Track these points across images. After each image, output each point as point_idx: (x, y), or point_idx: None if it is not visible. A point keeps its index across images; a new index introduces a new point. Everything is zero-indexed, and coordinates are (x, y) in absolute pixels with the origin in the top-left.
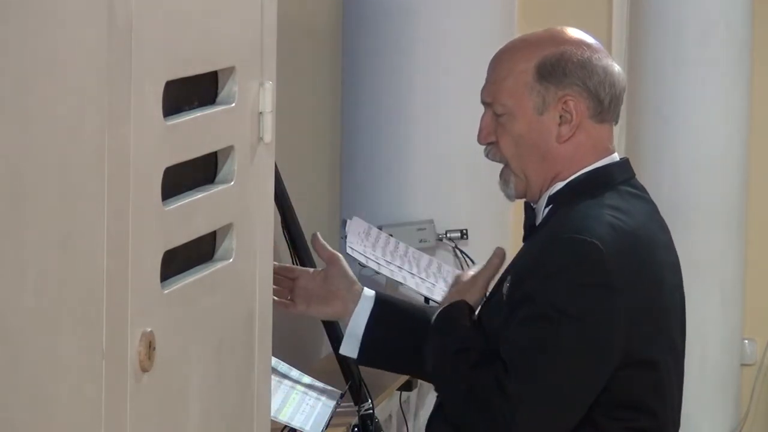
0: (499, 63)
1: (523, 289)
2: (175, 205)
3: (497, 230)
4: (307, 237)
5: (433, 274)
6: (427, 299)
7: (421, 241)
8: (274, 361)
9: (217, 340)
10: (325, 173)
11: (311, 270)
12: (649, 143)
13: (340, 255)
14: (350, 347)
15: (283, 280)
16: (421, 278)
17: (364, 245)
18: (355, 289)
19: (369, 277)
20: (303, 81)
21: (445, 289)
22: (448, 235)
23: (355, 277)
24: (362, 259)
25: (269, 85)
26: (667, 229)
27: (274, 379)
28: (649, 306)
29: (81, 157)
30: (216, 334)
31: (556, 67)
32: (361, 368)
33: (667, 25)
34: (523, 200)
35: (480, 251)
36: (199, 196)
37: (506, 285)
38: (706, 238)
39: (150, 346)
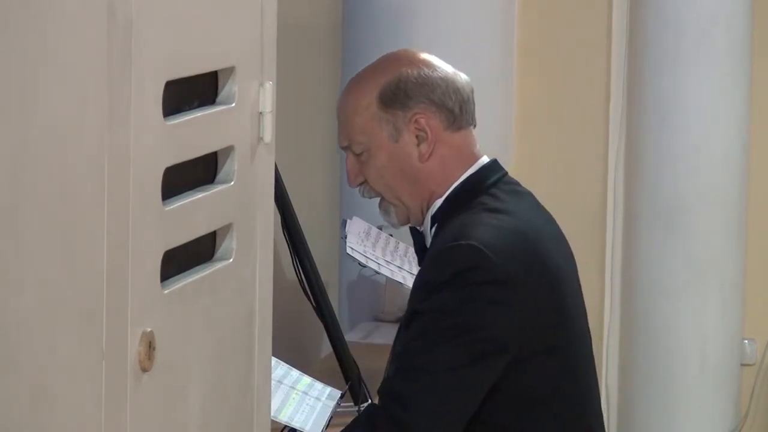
0: (344, 106)
1: (412, 307)
2: (175, 205)
3: None
4: (308, 237)
5: None
6: None
7: None
8: (274, 361)
9: (217, 340)
10: (325, 173)
11: None
12: (649, 143)
13: None
14: None
15: None
16: None
17: (364, 245)
18: None
19: (369, 277)
20: (303, 81)
21: None
22: None
23: None
24: (362, 259)
25: (269, 85)
26: (553, 220)
27: (274, 379)
28: (545, 296)
29: (81, 157)
30: (216, 334)
31: (397, 92)
32: (361, 368)
33: (667, 25)
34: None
35: None
36: (199, 196)
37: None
38: (707, 238)
39: (150, 346)
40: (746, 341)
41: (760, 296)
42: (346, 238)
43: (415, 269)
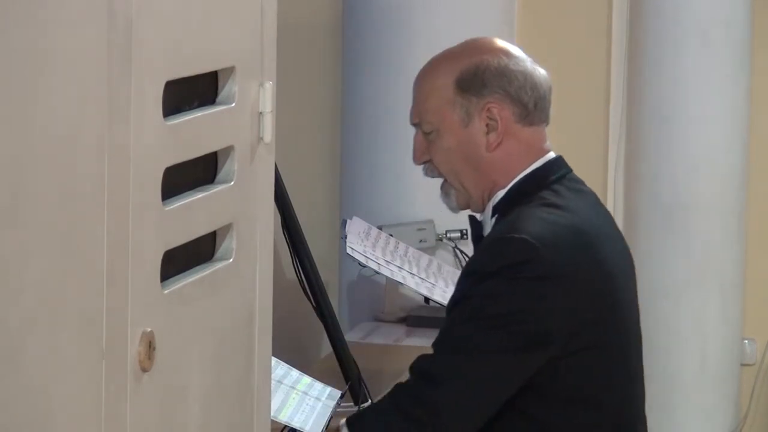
0: (421, 83)
1: (459, 292)
2: (175, 205)
3: None
4: (308, 237)
5: (433, 274)
6: (427, 299)
7: (421, 241)
8: (274, 361)
9: (217, 340)
10: (325, 173)
11: None
12: (649, 143)
13: None
14: None
15: None
16: (421, 278)
17: (364, 245)
18: None
19: (369, 277)
20: (303, 81)
21: (445, 289)
22: (448, 235)
23: None
24: (362, 259)
25: (269, 85)
26: (613, 221)
27: (274, 379)
28: (594, 294)
29: (81, 157)
30: (216, 334)
31: (475, 78)
32: (361, 368)
33: (667, 25)
34: (472, 211)
35: None
36: (199, 196)
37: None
38: (706, 238)
39: (150, 346)
40: (746, 341)
41: (760, 296)
42: (346, 238)
43: (415, 269)
